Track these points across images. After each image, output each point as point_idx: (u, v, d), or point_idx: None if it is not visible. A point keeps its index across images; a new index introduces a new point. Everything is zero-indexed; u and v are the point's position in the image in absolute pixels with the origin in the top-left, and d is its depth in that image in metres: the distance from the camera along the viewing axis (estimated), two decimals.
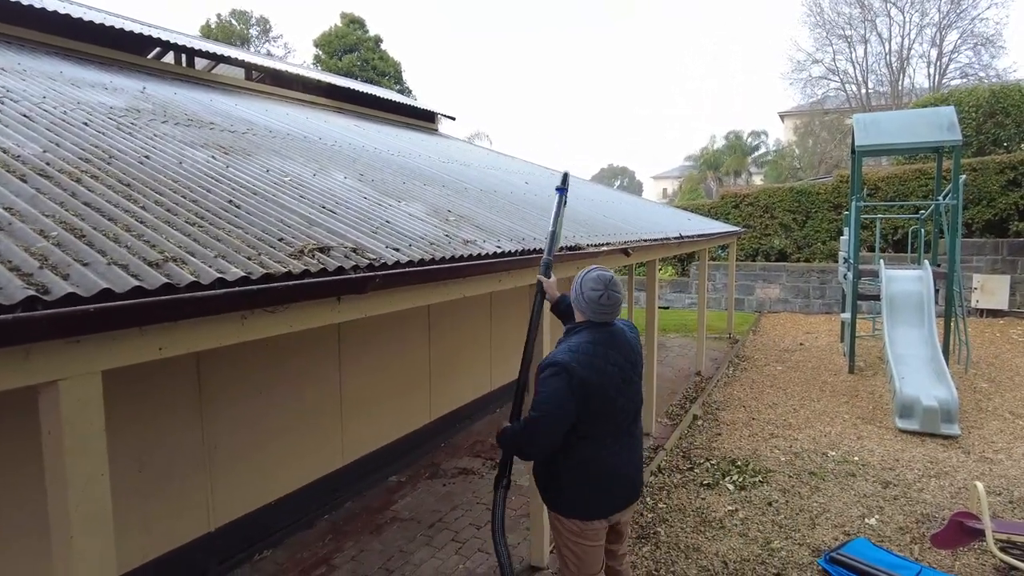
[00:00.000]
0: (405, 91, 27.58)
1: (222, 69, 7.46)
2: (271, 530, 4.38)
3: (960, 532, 3.87)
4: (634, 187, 66.58)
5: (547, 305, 3.35)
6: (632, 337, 2.84)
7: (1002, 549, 3.74)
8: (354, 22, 27.63)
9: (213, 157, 3.21)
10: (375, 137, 6.84)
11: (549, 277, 3.22)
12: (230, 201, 2.55)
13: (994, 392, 7.72)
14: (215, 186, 2.69)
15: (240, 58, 7.37)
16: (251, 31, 32.78)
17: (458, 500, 5.05)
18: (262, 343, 4.20)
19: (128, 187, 2.31)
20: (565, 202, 3.44)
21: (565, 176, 3.55)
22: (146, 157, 2.78)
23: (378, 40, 27.95)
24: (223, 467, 4.05)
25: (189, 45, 6.57)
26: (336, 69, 24.71)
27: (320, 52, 27.43)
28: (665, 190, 57.57)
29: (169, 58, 6.64)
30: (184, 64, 6.61)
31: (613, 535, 2.91)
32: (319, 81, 8.17)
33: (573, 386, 2.52)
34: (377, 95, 9.36)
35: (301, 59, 33.13)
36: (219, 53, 6.99)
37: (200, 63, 7.02)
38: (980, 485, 3.92)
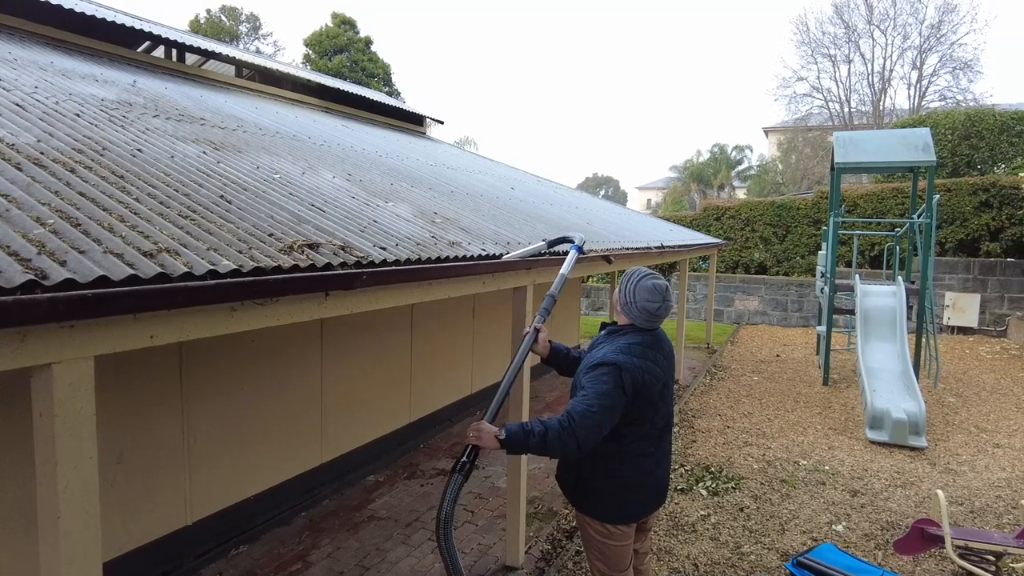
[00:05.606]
0: (394, 93, 27.60)
1: (212, 65, 7.47)
2: (248, 525, 4.40)
3: (921, 539, 4.00)
4: (619, 197, 67.03)
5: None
6: (668, 341, 2.85)
7: (960, 555, 3.87)
8: (345, 23, 27.63)
9: (204, 152, 3.25)
10: (363, 138, 6.89)
11: (544, 322, 2.95)
12: (221, 196, 2.59)
13: (961, 406, 7.94)
14: (206, 181, 2.74)
15: (231, 55, 7.39)
16: (241, 28, 32.63)
17: (435, 500, 5.08)
18: (245, 339, 4.25)
19: (122, 179, 2.35)
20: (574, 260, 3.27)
21: (583, 243, 3.36)
22: (138, 150, 2.82)
23: (368, 42, 27.96)
24: (202, 461, 4.06)
25: (180, 40, 6.58)
26: (326, 69, 24.69)
27: (310, 51, 27.38)
28: (649, 200, 58.11)
29: (159, 52, 6.64)
30: (175, 59, 6.61)
31: (639, 533, 2.93)
32: (308, 81, 8.20)
33: (626, 385, 2.51)
34: (366, 96, 9.41)
35: (291, 58, 33.06)
36: (209, 49, 7.00)
37: (190, 58, 7.03)
38: (941, 493, 4.05)
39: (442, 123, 11.37)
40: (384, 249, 2.70)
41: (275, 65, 8.17)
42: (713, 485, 5.37)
